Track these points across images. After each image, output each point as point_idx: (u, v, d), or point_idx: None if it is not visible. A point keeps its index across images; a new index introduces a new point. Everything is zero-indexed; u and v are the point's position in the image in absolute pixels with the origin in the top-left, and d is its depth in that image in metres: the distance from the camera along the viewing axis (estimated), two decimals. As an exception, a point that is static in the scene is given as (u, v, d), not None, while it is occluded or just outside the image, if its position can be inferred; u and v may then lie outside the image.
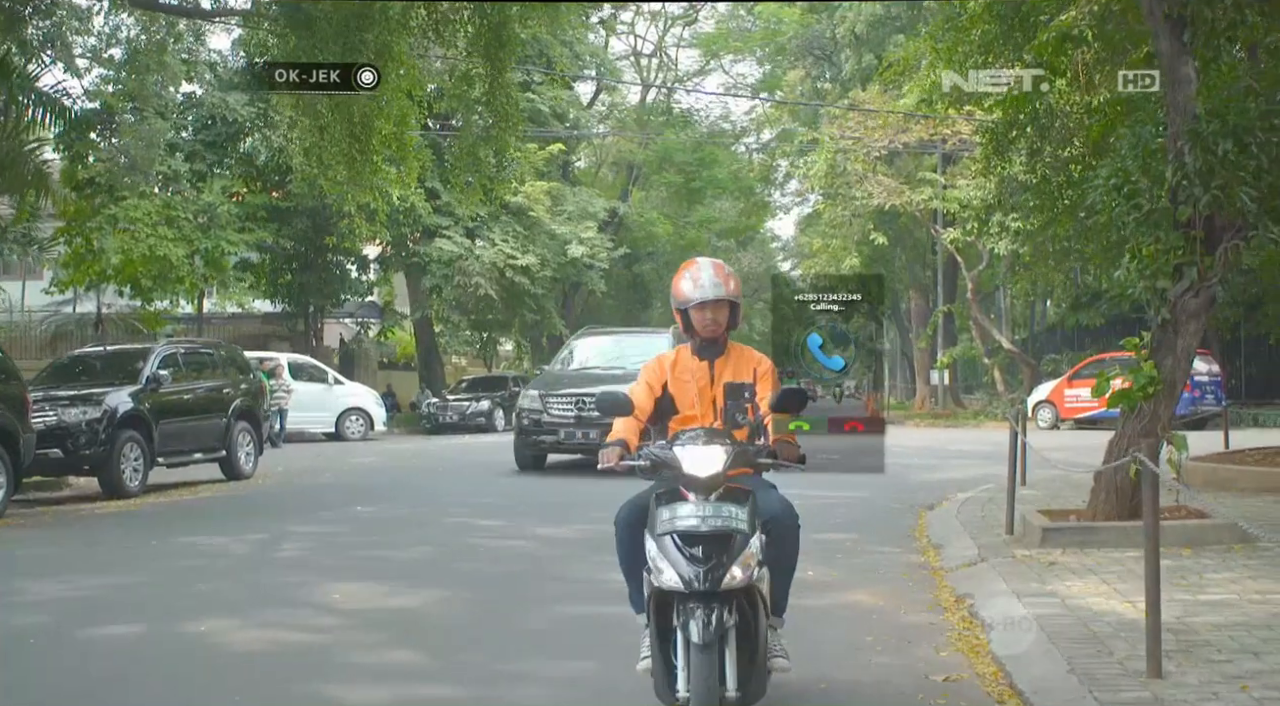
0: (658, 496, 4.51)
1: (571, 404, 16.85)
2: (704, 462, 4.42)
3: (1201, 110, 8.74)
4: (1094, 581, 7.60)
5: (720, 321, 5.00)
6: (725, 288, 4.94)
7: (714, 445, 4.48)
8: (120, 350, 18.00)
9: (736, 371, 5.04)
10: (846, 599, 7.81)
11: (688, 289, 4.98)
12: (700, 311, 4.97)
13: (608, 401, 4.85)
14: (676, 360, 5.14)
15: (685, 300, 4.99)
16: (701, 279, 4.96)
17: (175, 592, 8.14)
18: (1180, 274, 8.89)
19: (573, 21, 29.86)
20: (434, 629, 6.90)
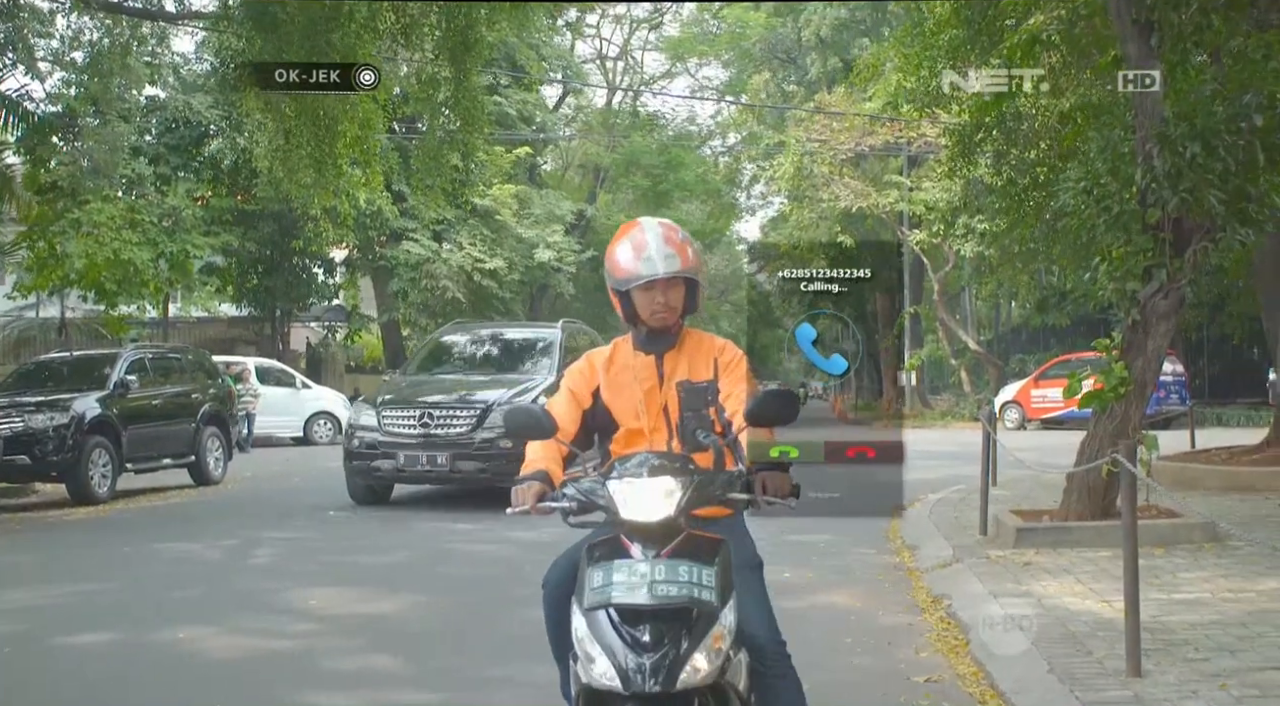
0: (590, 549, 3.24)
1: (414, 420, 13.30)
2: (650, 501, 3.18)
3: (1169, 113, 8.83)
4: (1069, 581, 7.67)
5: (674, 305, 3.74)
6: (681, 259, 3.68)
7: (664, 475, 3.23)
8: (87, 355, 17.85)
9: (694, 367, 3.81)
10: (824, 600, 7.85)
11: (628, 261, 3.70)
12: (647, 293, 3.70)
13: (517, 419, 3.62)
14: (612, 358, 3.91)
15: (626, 278, 3.69)
16: (648, 248, 3.68)
17: (149, 600, 8.08)
18: (1150, 276, 8.99)
19: (540, 25, 29.77)
20: (410, 634, 6.88)
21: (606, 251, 3.82)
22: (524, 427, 3.60)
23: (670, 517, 3.19)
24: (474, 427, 12.99)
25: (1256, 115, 8.61)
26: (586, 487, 3.36)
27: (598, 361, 3.94)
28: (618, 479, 3.27)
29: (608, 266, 3.77)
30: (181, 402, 17.22)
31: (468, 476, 13.09)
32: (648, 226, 3.77)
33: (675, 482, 3.24)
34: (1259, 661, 5.45)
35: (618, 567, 3.12)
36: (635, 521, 3.19)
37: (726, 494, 3.38)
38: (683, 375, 3.80)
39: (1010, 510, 10.20)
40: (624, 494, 3.22)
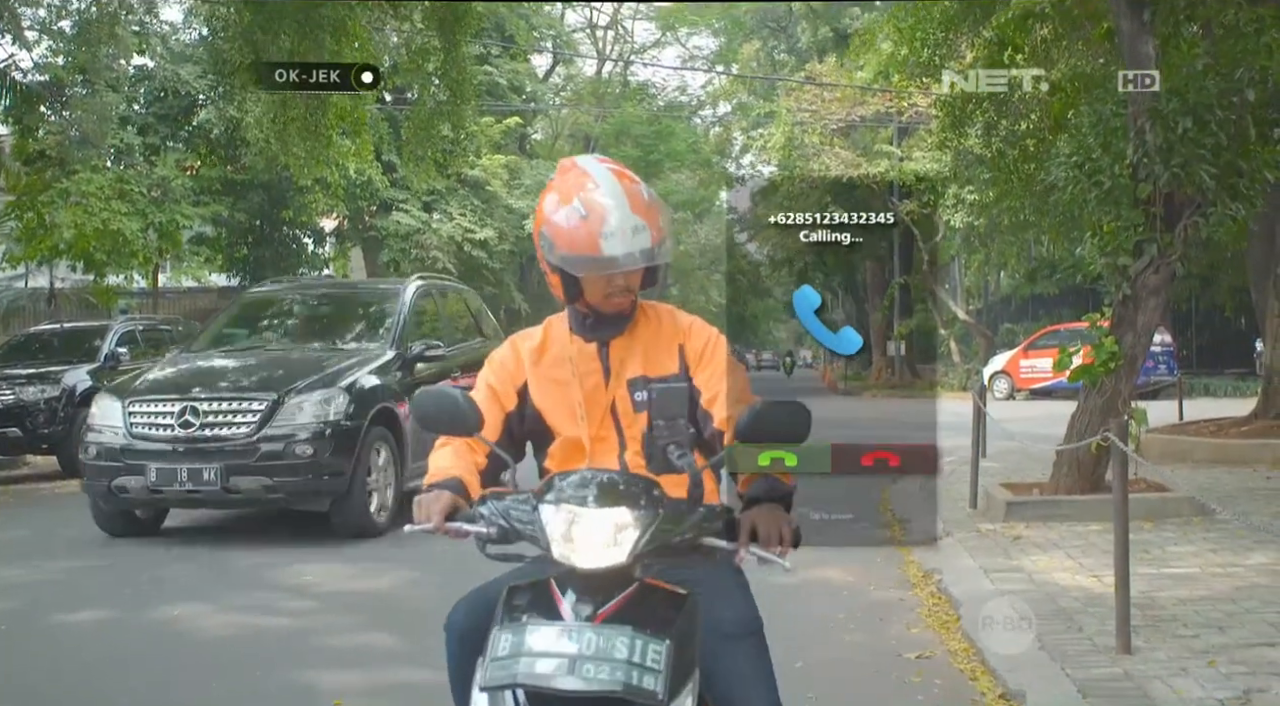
0: (510, 595, 2.39)
1: (173, 417, 9.30)
2: (595, 540, 2.34)
3: (1162, 88, 8.83)
4: (1059, 555, 7.73)
5: (635, 286, 2.88)
6: (651, 231, 2.75)
7: (618, 506, 2.38)
8: (78, 327, 17.85)
9: (651, 357, 2.94)
10: (817, 575, 7.88)
11: (579, 235, 2.74)
12: (604, 277, 2.82)
13: (428, 404, 2.74)
14: (544, 345, 3.02)
15: (576, 260, 2.78)
16: (608, 219, 2.73)
17: (144, 576, 8.09)
18: (1141, 250, 9.02)
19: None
20: (406, 611, 6.90)
21: (539, 203, 2.86)
22: (437, 417, 2.73)
23: (621, 565, 2.34)
24: (257, 428, 9.19)
25: (1249, 90, 8.64)
26: (511, 509, 2.49)
27: (524, 349, 3.03)
28: (554, 503, 2.40)
29: (545, 231, 2.81)
30: (173, 374, 17.18)
31: (249, 497, 9.31)
32: (601, 179, 2.78)
33: (631, 517, 2.36)
34: (1247, 637, 5.50)
35: (534, 632, 2.27)
36: (572, 563, 2.34)
37: (701, 538, 2.48)
38: (636, 369, 2.93)
39: (1000, 483, 10.26)
40: (560, 525, 2.36)
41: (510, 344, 3.08)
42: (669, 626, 2.32)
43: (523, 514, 2.46)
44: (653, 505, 2.41)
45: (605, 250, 2.72)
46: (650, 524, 2.37)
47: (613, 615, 2.29)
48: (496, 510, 2.51)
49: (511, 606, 2.35)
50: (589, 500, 2.38)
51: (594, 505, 2.37)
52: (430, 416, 2.74)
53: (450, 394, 2.74)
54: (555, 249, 2.78)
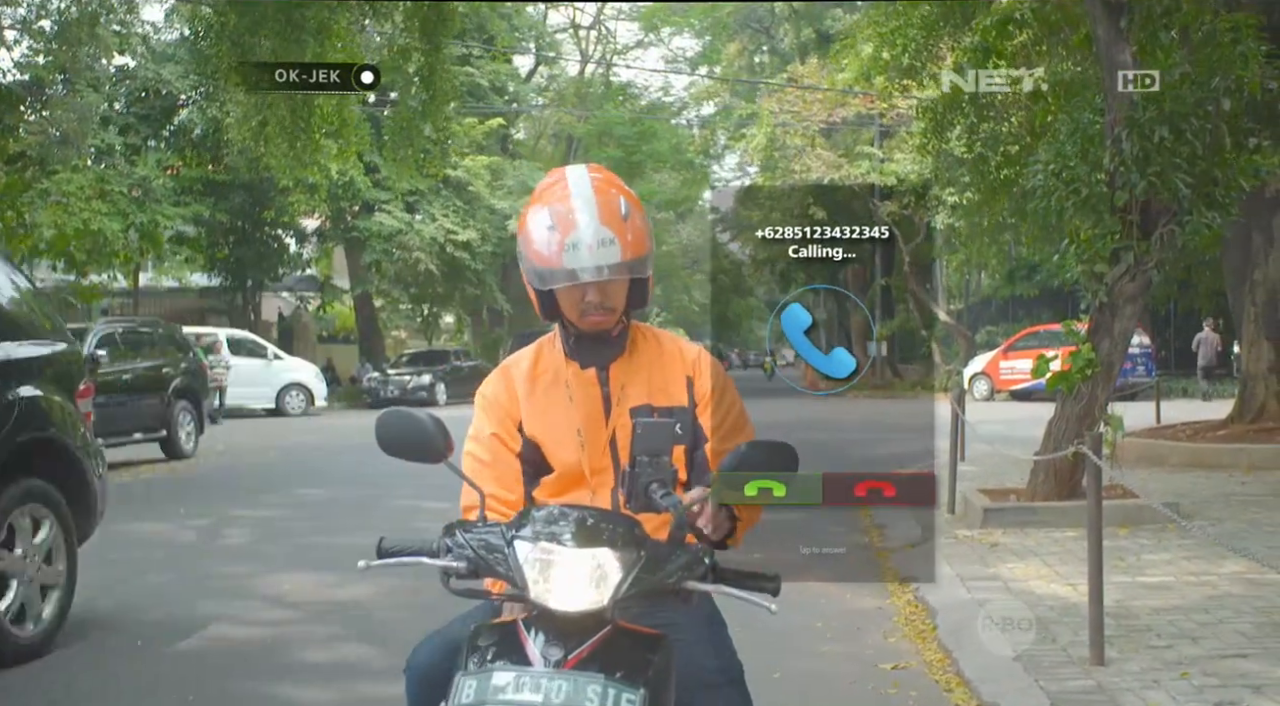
0: (475, 636, 2.29)
1: None
2: (573, 583, 2.21)
3: (1138, 97, 8.88)
4: (1036, 563, 7.77)
5: (612, 304, 2.68)
6: (620, 245, 2.58)
7: (599, 546, 2.24)
8: (56, 330, 17.75)
9: (656, 384, 2.77)
10: (794, 583, 7.87)
11: (546, 245, 2.60)
12: (576, 286, 2.63)
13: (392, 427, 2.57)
14: (535, 368, 2.81)
15: (541, 271, 2.62)
16: (575, 229, 2.58)
17: (120, 585, 8.06)
18: (1117, 258, 9.08)
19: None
20: (384, 622, 6.88)
21: (522, 215, 2.73)
22: (402, 442, 2.55)
23: (600, 609, 2.21)
24: None
25: (1224, 99, 8.71)
26: (483, 540, 2.33)
27: (517, 375, 2.80)
28: (531, 540, 2.25)
29: (521, 242, 2.67)
30: (152, 376, 17.16)
31: None
32: (576, 188, 2.64)
33: (613, 559, 2.23)
34: (1220, 648, 5.54)
35: (500, 679, 2.15)
36: (546, 605, 2.20)
37: (684, 581, 2.34)
38: (640, 397, 2.74)
39: (978, 489, 10.31)
40: (537, 564, 2.22)
41: (500, 375, 2.84)
42: (643, 673, 2.20)
43: (494, 548, 2.30)
44: (634, 546, 2.27)
45: (566, 262, 2.56)
46: (632, 567, 2.24)
47: (583, 661, 2.18)
48: (465, 542, 2.34)
49: (476, 648, 2.25)
50: (567, 538, 2.23)
51: (572, 544, 2.22)
52: (393, 440, 2.56)
53: (416, 417, 2.55)
54: (525, 259, 2.65)
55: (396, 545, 2.50)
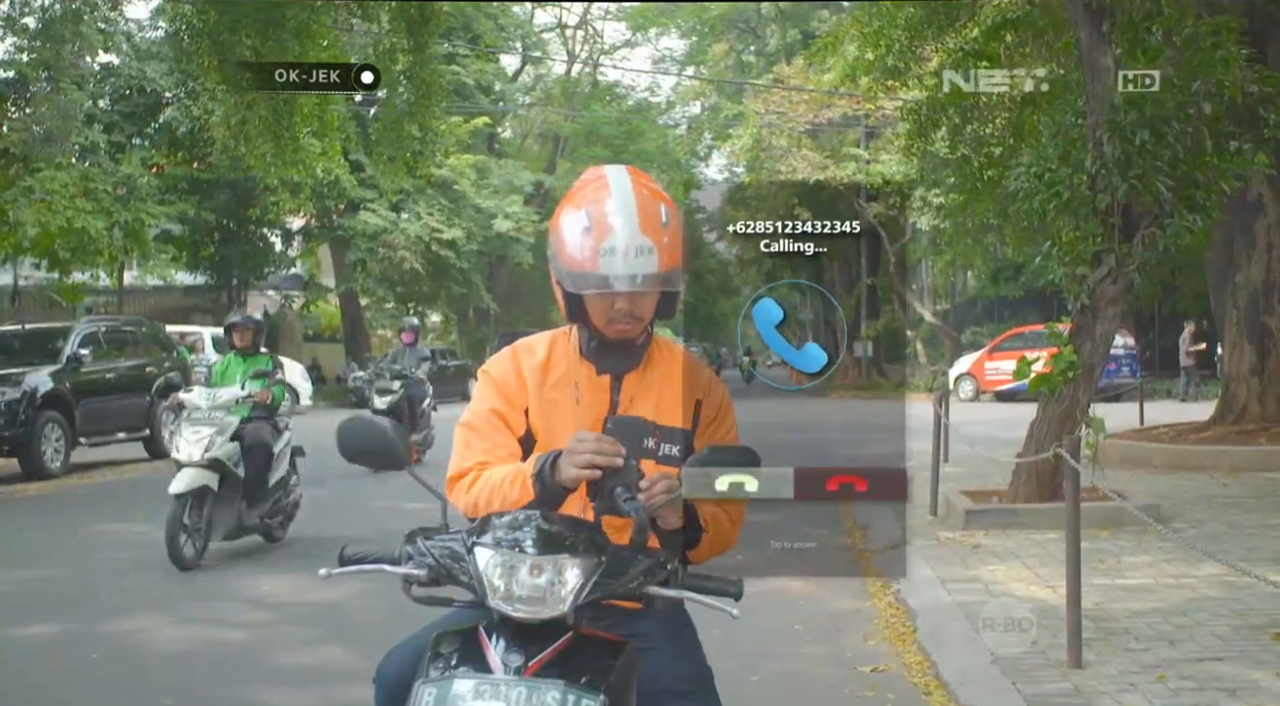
0: (436, 643, 2.30)
1: None
2: (531, 589, 2.21)
3: (1120, 100, 8.90)
4: (1016, 565, 7.79)
5: (642, 314, 2.61)
6: (658, 255, 2.49)
7: (558, 553, 2.23)
8: (40, 328, 17.74)
9: (664, 402, 2.70)
10: (774, 585, 7.89)
11: (581, 249, 2.50)
12: (605, 297, 2.55)
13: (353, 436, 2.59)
14: (547, 362, 2.72)
15: (574, 275, 2.52)
16: (612, 234, 2.48)
17: (101, 587, 8.04)
18: (1099, 261, 9.10)
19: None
20: (361, 624, 6.85)
21: (556, 212, 2.62)
22: (363, 450, 2.57)
23: (560, 615, 2.21)
24: None
25: (1205, 103, 8.72)
26: (444, 547, 2.31)
27: (528, 364, 2.71)
28: (491, 546, 2.24)
29: (552, 241, 2.58)
30: (135, 376, 17.14)
31: None
32: (616, 190, 2.54)
33: (574, 565, 2.23)
34: (1196, 651, 5.56)
35: (460, 686, 2.15)
36: (506, 611, 2.20)
37: (645, 587, 2.32)
38: (646, 411, 2.67)
39: (961, 491, 10.33)
40: (496, 571, 2.22)
41: (510, 357, 2.73)
42: (603, 678, 2.20)
43: (454, 555, 2.29)
44: (594, 552, 2.26)
45: (602, 268, 2.47)
46: (593, 572, 2.24)
47: (544, 667, 2.18)
48: (426, 549, 2.32)
49: (438, 655, 2.24)
50: (527, 544, 2.23)
51: (532, 550, 2.22)
52: (354, 448, 2.56)
53: (378, 425, 2.54)
54: (557, 259, 2.55)
55: (358, 553, 2.46)
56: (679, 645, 2.65)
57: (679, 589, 2.37)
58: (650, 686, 2.47)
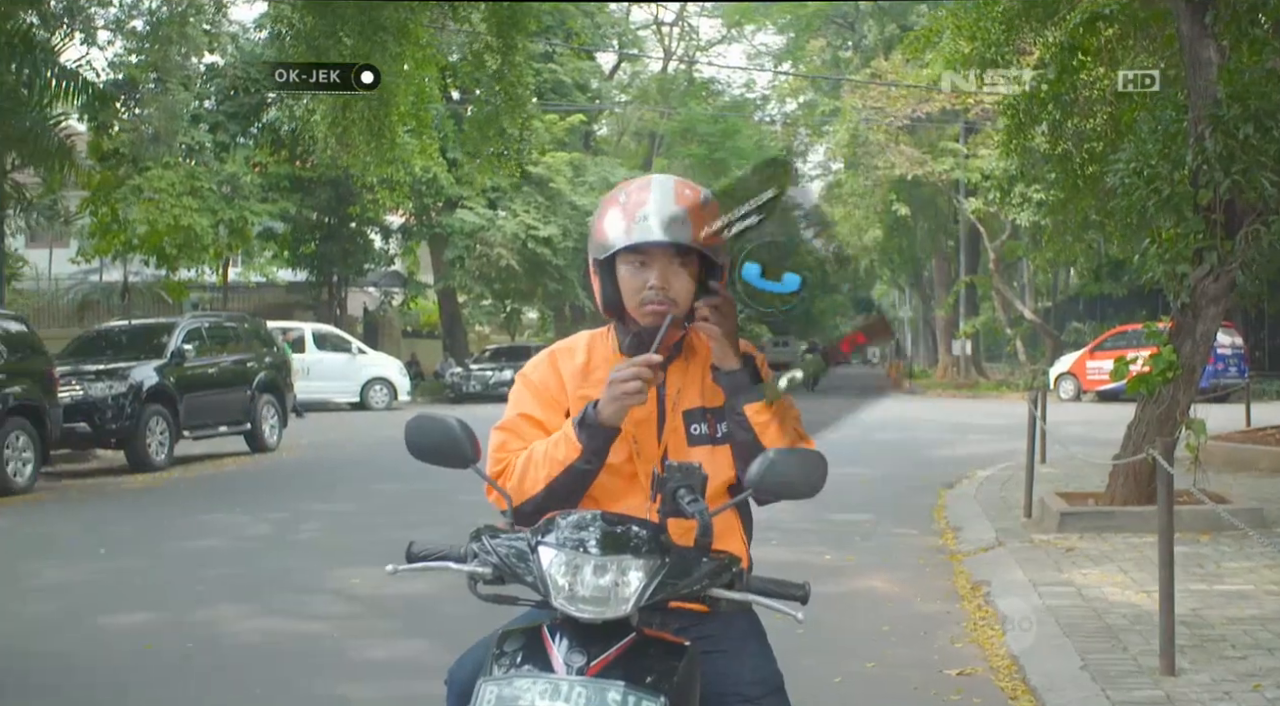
0: (500, 642, 2.29)
1: None
2: (594, 590, 2.20)
3: (1223, 94, 8.66)
4: (1111, 569, 7.63)
5: (676, 296, 2.54)
6: (693, 226, 2.49)
7: (621, 554, 2.22)
8: (145, 324, 18.21)
9: (707, 385, 2.66)
10: (863, 585, 7.84)
11: (614, 221, 2.54)
12: (635, 270, 2.55)
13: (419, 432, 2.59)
14: (588, 365, 2.70)
15: (605, 241, 2.54)
16: (645, 205, 2.51)
17: (192, 576, 8.21)
18: (1200, 258, 8.87)
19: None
20: (445, 618, 6.84)
21: (597, 212, 2.64)
22: (430, 447, 2.57)
23: (624, 616, 2.20)
24: None
25: (1312, 96, 8.45)
26: (508, 545, 2.31)
27: (567, 367, 2.71)
28: (555, 546, 2.25)
29: (592, 232, 2.62)
30: (237, 371, 17.50)
31: None
32: (655, 181, 2.60)
33: (637, 566, 2.21)
34: (1295, 660, 5.40)
35: (521, 685, 2.16)
36: (568, 611, 2.20)
37: (709, 589, 2.30)
38: (694, 399, 2.65)
39: (1056, 492, 10.14)
40: (559, 571, 2.22)
41: (549, 362, 2.73)
42: (666, 681, 2.19)
43: (519, 554, 2.28)
44: (658, 553, 2.24)
45: (636, 234, 2.48)
46: (656, 574, 2.22)
47: (606, 667, 2.17)
48: (491, 548, 2.32)
49: (502, 653, 2.25)
50: (590, 545, 2.22)
51: (596, 551, 2.21)
52: (422, 445, 2.56)
53: (445, 422, 2.53)
54: (592, 238, 2.58)
55: (425, 549, 2.48)
56: (748, 648, 2.62)
57: (744, 591, 2.35)
58: (717, 689, 2.47)
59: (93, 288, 32.39)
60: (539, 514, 2.41)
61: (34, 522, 11.15)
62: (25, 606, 7.42)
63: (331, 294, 36.61)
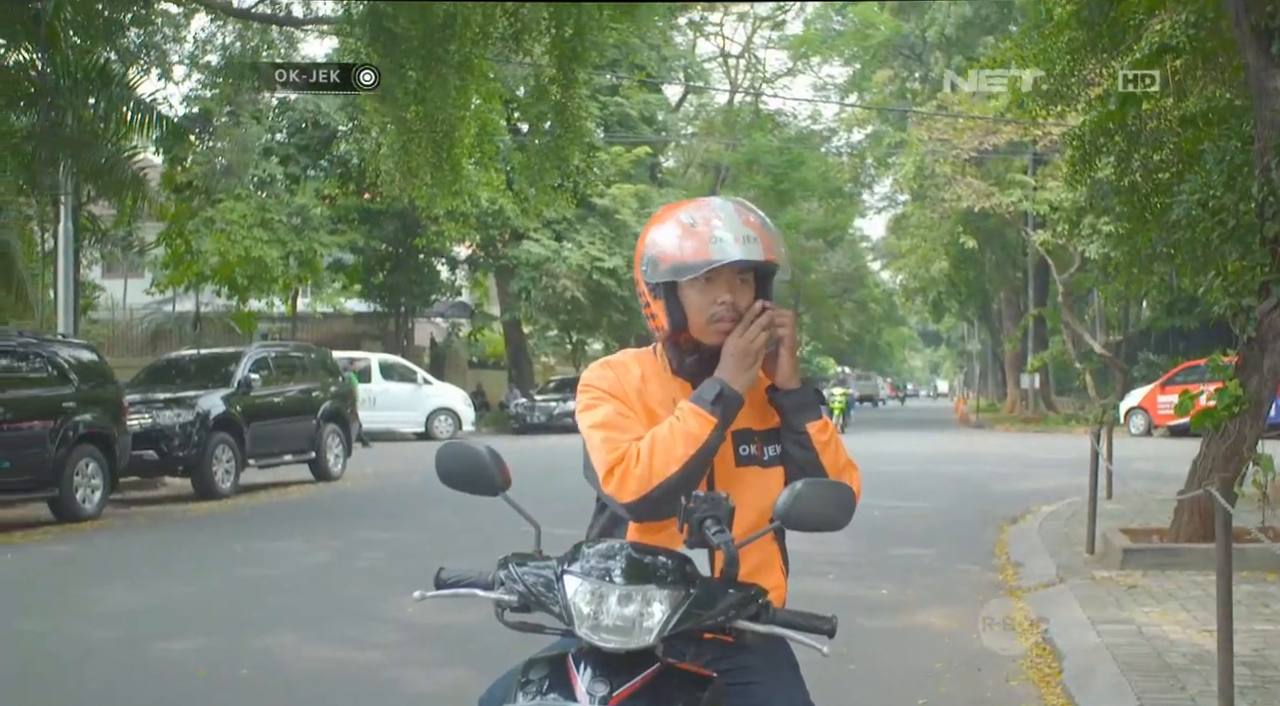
0: (527, 668, 2.30)
1: None
2: (617, 619, 2.19)
3: (1292, 124, 8.54)
4: (1173, 607, 7.47)
5: (744, 311, 2.59)
6: (761, 244, 2.56)
7: (646, 584, 2.20)
8: (213, 354, 18.48)
9: (754, 407, 2.65)
10: (919, 620, 7.74)
11: (684, 243, 2.56)
12: (706, 290, 2.58)
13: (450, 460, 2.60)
14: (641, 383, 2.68)
15: (679, 265, 2.55)
16: (713, 225, 2.55)
17: (250, 603, 8.29)
18: (1267, 291, 8.72)
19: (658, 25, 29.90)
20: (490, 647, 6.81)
21: (641, 240, 2.68)
22: (460, 475, 2.58)
23: (646, 647, 2.19)
24: None
25: (1383, 126, 8.30)
26: (534, 576, 2.32)
27: (628, 381, 2.68)
28: (580, 575, 2.23)
29: (648, 254, 2.61)
30: (303, 400, 17.70)
31: None
32: (716, 203, 2.65)
33: (661, 597, 2.19)
34: (1360, 704, 5.25)
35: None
36: (592, 639, 2.20)
37: (734, 620, 2.28)
38: (743, 420, 2.62)
39: (1120, 528, 9.97)
40: (584, 599, 2.21)
41: (613, 372, 2.70)
42: None
43: (544, 583, 2.29)
44: (683, 584, 2.23)
45: (712, 252, 2.51)
46: (680, 604, 2.20)
47: (629, 698, 2.17)
48: (518, 576, 2.33)
49: (528, 681, 2.25)
50: (615, 574, 2.21)
51: (620, 580, 2.20)
52: (452, 473, 2.58)
53: (474, 450, 2.54)
54: (659, 265, 2.57)
55: (454, 576, 2.50)
56: (779, 680, 2.61)
57: (770, 623, 2.33)
58: None
59: (166, 317, 32.98)
60: (666, 501, 2.44)
61: (100, 549, 11.32)
62: (85, 631, 7.51)
63: (398, 324, 36.99)
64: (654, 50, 37.46)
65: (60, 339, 14.98)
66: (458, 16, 14.08)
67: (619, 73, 33.19)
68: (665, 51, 39.66)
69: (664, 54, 39.52)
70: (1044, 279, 37.42)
